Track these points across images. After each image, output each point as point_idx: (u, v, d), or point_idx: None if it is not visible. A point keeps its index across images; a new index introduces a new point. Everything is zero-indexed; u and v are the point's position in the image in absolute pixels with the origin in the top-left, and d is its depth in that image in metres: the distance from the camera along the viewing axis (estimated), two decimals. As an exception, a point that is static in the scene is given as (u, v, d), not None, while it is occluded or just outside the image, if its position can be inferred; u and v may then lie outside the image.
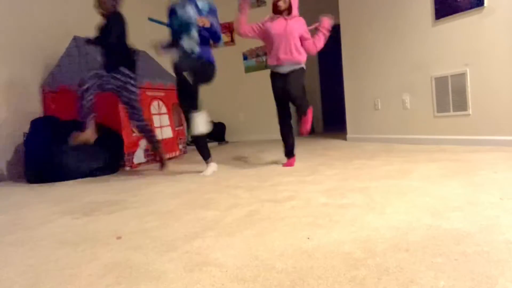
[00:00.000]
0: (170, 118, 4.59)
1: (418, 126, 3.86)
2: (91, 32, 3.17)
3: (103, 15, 3.05)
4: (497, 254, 1.02)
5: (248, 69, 6.59)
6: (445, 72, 3.52)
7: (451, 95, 3.48)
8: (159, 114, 4.39)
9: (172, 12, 2.95)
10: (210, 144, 5.51)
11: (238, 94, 6.74)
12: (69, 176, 3.29)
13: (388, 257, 1.06)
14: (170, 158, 4.45)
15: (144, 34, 5.22)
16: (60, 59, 3.92)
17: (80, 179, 3.31)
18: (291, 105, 2.97)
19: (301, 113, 2.80)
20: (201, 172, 3.01)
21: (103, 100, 3.83)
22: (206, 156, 3.08)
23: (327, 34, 2.95)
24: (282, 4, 2.86)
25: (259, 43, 6.53)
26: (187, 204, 1.96)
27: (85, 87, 2.93)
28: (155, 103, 4.33)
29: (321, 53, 7.31)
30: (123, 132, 3.79)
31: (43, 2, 4.09)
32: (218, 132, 6.44)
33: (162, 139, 4.36)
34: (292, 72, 2.90)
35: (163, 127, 4.45)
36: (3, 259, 1.35)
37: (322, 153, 3.71)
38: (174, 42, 2.95)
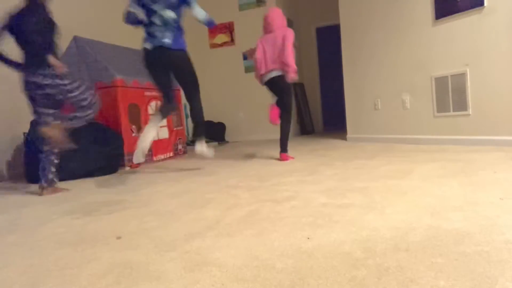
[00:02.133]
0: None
1: (418, 126, 3.86)
2: (91, 32, 3.14)
3: None
4: (497, 254, 1.02)
5: (248, 69, 6.58)
6: (445, 72, 3.52)
7: (451, 95, 3.48)
8: None
9: None
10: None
11: (238, 94, 6.75)
12: (69, 176, 3.29)
13: (388, 257, 1.06)
14: (163, 159, 4.45)
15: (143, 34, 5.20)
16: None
17: (80, 179, 3.31)
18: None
19: None
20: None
21: (103, 100, 3.86)
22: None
23: None
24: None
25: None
26: (187, 204, 1.96)
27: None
28: (153, 104, 4.32)
29: (321, 53, 7.40)
30: (123, 132, 3.79)
31: (43, 2, 4.09)
32: (218, 132, 6.44)
33: (158, 140, 4.35)
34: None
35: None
36: (3, 259, 1.35)
37: (322, 153, 3.71)
38: None
